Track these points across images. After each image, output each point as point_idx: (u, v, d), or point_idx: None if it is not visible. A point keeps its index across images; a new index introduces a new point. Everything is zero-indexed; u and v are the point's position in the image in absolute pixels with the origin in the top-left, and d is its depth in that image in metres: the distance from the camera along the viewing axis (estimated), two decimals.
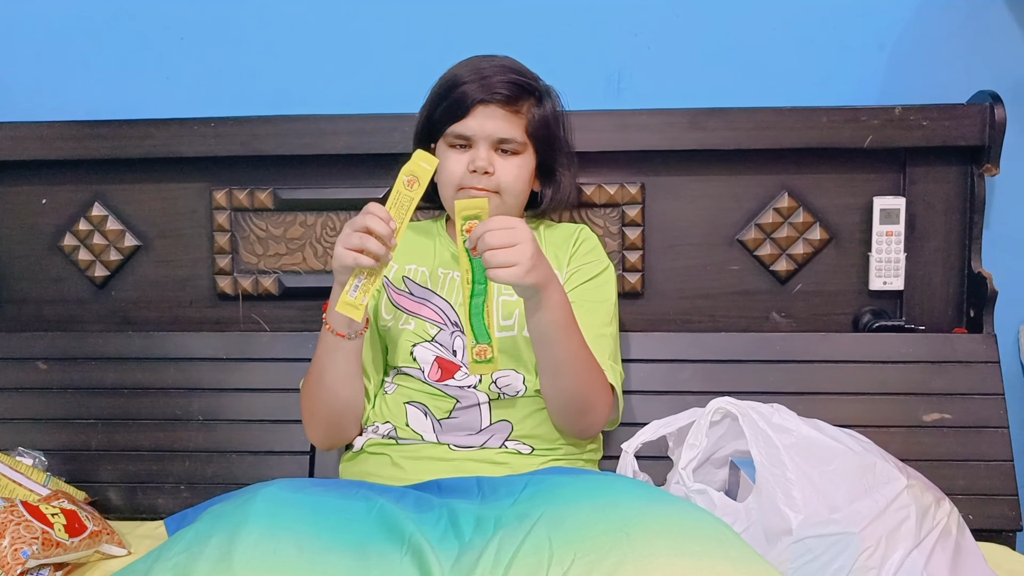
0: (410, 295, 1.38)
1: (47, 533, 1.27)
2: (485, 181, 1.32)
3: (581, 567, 0.89)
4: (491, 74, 1.32)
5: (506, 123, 1.32)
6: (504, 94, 1.31)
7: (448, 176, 1.34)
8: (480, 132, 1.32)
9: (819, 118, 1.59)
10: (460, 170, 1.32)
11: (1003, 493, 1.50)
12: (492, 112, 1.31)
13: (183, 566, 0.92)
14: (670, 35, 1.70)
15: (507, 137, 1.32)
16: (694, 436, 1.15)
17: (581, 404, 1.29)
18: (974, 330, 1.62)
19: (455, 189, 1.33)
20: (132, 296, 1.76)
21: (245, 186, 1.70)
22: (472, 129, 1.32)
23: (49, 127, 1.69)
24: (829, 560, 1.01)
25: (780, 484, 1.03)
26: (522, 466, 1.29)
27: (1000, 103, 1.56)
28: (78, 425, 1.63)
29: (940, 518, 1.08)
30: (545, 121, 1.36)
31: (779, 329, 1.67)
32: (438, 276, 1.39)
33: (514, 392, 1.32)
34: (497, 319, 1.33)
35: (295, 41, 1.74)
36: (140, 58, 1.76)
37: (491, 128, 1.32)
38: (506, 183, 1.33)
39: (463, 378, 1.32)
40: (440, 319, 1.35)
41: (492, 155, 1.33)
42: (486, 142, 1.32)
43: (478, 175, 1.31)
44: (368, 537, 1.00)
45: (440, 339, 1.34)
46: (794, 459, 1.05)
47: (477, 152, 1.32)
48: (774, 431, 1.08)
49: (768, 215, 1.65)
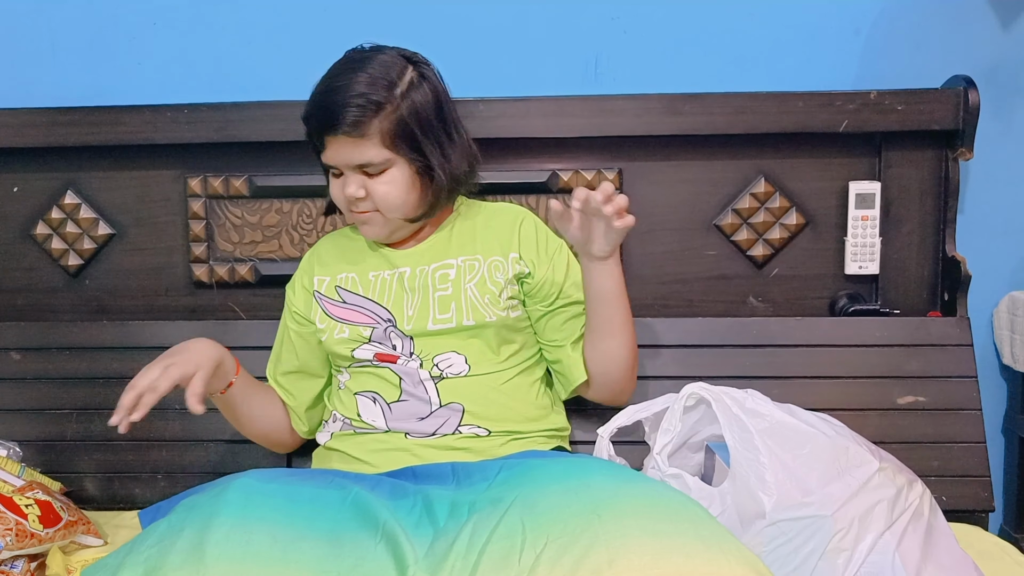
0: (343, 303, 1.39)
1: (21, 524, 1.26)
2: (364, 205, 1.32)
3: (553, 550, 0.89)
4: (335, 102, 1.27)
5: (358, 150, 1.28)
6: (347, 123, 1.26)
7: (337, 201, 1.37)
8: (340, 162, 1.31)
9: (795, 103, 1.59)
10: (340, 196, 1.34)
11: (976, 474, 1.52)
12: (342, 143, 1.28)
13: (155, 559, 0.92)
14: (647, 20, 1.69)
15: (363, 163, 1.29)
16: (668, 421, 1.16)
17: (633, 362, 1.40)
18: (948, 313, 1.63)
19: (348, 213, 1.36)
20: (107, 285, 1.74)
21: (220, 173, 1.68)
22: (333, 160, 1.31)
23: (18, 114, 1.67)
24: (802, 542, 1.02)
25: (753, 468, 1.04)
26: (484, 449, 1.30)
27: (974, 87, 1.57)
28: (53, 415, 1.61)
29: (912, 500, 1.09)
30: (404, 124, 1.29)
31: (756, 313, 1.68)
32: (368, 280, 1.39)
33: (457, 372, 1.33)
34: (434, 313, 1.34)
35: (269, 26, 1.72)
36: (111, 43, 1.74)
37: (346, 157, 1.29)
38: (381, 203, 1.31)
39: (404, 364, 1.34)
40: (372, 320, 1.36)
41: (361, 179, 1.31)
42: (349, 168, 1.31)
43: (355, 201, 1.32)
44: (342, 525, 1.00)
45: (376, 337, 1.35)
46: (767, 443, 1.05)
47: (347, 180, 1.32)
48: (747, 416, 1.08)
49: (745, 200, 1.66)
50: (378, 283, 1.38)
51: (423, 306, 1.34)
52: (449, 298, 1.35)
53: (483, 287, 1.35)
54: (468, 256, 1.37)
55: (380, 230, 1.36)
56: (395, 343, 1.34)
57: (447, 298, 1.35)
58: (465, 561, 0.92)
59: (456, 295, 1.34)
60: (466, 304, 1.34)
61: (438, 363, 1.33)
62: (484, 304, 1.34)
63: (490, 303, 1.34)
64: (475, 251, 1.38)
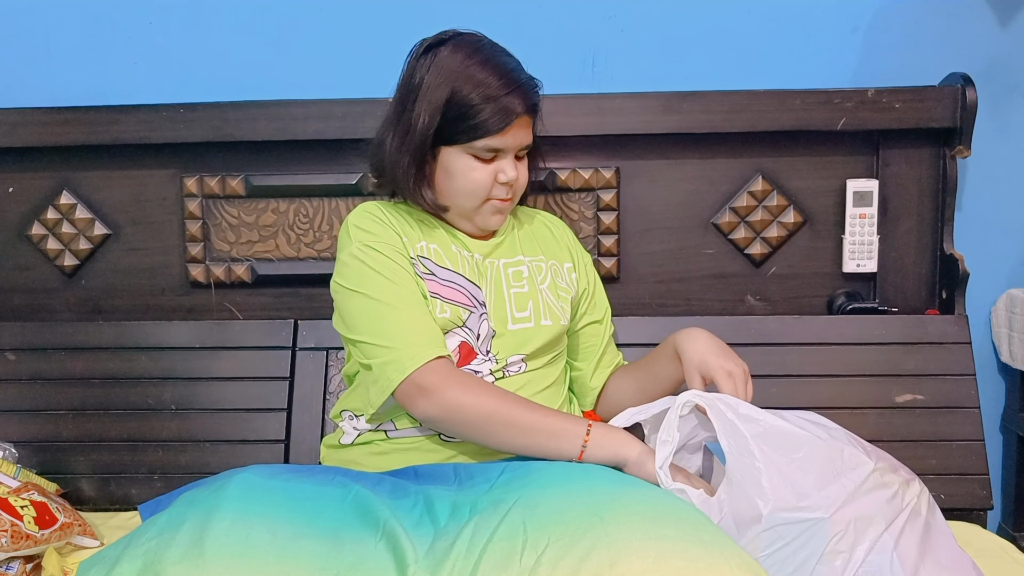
0: (432, 276, 1.27)
1: (16, 526, 1.26)
2: (507, 190, 1.27)
3: (554, 551, 0.89)
4: (524, 81, 1.24)
5: (528, 130, 1.28)
6: (535, 103, 1.26)
7: (475, 188, 1.25)
8: (512, 144, 1.25)
9: (793, 101, 1.59)
10: (489, 182, 1.26)
11: (974, 472, 1.52)
12: (523, 123, 1.26)
13: (155, 552, 0.92)
14: (645, 18, 1.69)
15: (528, 143, 1.28)
16: (666, 432, 1.15)
17: None
18: (946, 311, 1.63)
19: (480, 201, 1.27)
20: (103, 285, 1.73)
21: (216, 172, 1.68)
22: (507, 143, 1.24)
23: (14, 114, 1.66)
24: (800, 546, 1.01)
25: (749, 473, 1.04)
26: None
27: (972, 85, 1.57)
28: (49, 416, 1.61)
29: (909, 499, 1.09)
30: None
31: (754, 312, 1.68)
32: (454, 254, 1.29)
33: (516, 371, 1.29)
34: (511, 311, 1.29)
35: (265, 25, 1.71)
36: (107, 42, 1.73)
37: (521, 139, 1.26)
38: (521, 186, 1.30)
39: (481, 363, 1.27)
40: (469, 302, 1.27)
41: (515, 163, 1.28)
42: (512, 151, 1.27)
43: (509, 187, 1.27)
44: (342, 523, 0.99)
45: (470, 323, 1.27)
46: (762, 448, 1.05)
47: (505, 163, 1.26)
48: (742, 421, 1.08)
49: (743, 198, 1.65)
50: (462, 261, 1.29)
51: (498, 301, 1.29)
52: (526, 296, 1.31)
53: (554, 289, 1.34)
54: (533, 257, 1.35)
55: (504, 217, 1.32)
56: (480, 333, 1.27)
57: (524, 296, 1.31)
58: (466, 561, 0.92)
59: (532, 294, 1.30)
60: (543, 305, 1.31)
61: (509, 364, 1.28)
62: (558, 306, 1.32)
63: (562, 306, 1.33)
64: (538, 252, 1.36)
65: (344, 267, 1.25)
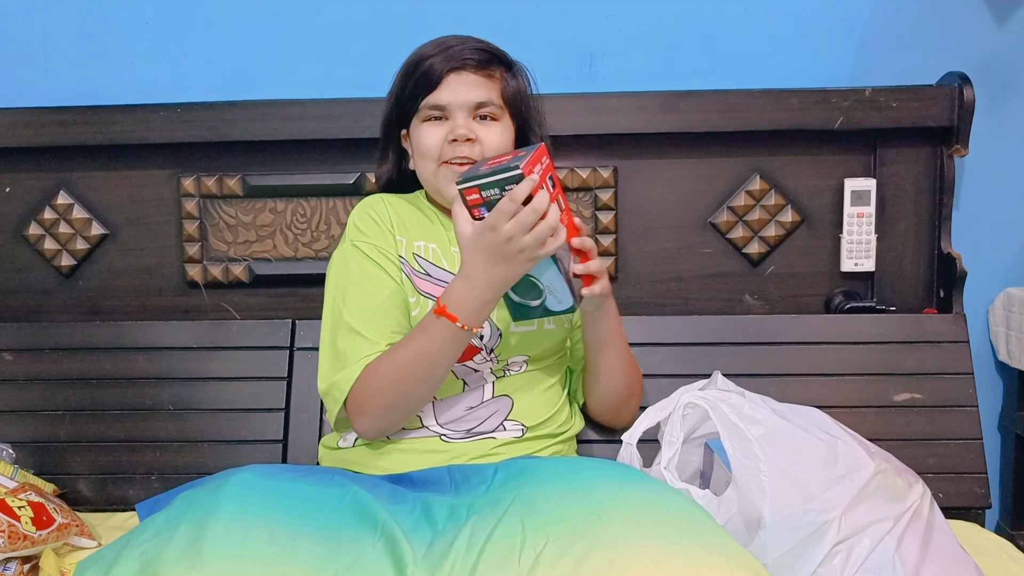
0: (427, 276, 1.27)
1: (13, 526, 1.25)
2: (467, 149, 1.23)
3: (553, 550, 0.89)
4: (456, 44, 1.26)
5: (480, 88, 1.26)
6: (474, 59, 1.25)
7: (427, 150, 1.25)
8: (455, 100, 1.24)
9: (790, 100, 1.59)
10: (438, 141, 1.24)
11: (972, 471, 1.52)
12: (465, 79, 1.25)
13: (152, 552, 0.91)
14: (641, 17, 1.69)
15: (484, 100, 1.26)
16: (670, 433, 1.15)
17: (630, 396, 1.39)
18: (944, 310, 1.63)
19: (436, 164, 1.25)
20: (100, 285, 1.73)
21: (213, 172, 1.68)
22: (446, 98, 1.24)
23: (10, 114, 1.66)
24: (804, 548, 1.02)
25: (753, 476, 1.04)
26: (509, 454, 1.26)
27: (969, 84, 1.57)
28: (46, 416, 1.60)
29: (912, 501, 1.09)
30: (520, 92, 1.31)
31: (752, 311, 1.68)
32: (452, 255, 1.30)
33: (518, 370, 1.29)
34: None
35: (262, 24, 1.71)
36: (104, 42, 1.73)
37: (465, 95, 1.25)
38: (491, 149, 1.24)
39: (482, 362, 1.27)
40: None
41: (471, 122, 1.25)
42: (463, 110, 1.24)
43: (459, 143, 1.23)
44: (340, 523, 0.99)
45: None
46: (766, 450, 1.05)
47: (455, 121, 1.24)
48: (745, 423, 1.08)
49: (740, 197, 1.65)
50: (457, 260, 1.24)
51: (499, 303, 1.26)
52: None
53: None
54: None
55: None
56: (483, 333, 1.25)
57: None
58: (464, 561, 0.92)
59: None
60: None
61: (510, 364, 1.28)
62: None
63: None
64: None
65: (332, 263, 1.31)
